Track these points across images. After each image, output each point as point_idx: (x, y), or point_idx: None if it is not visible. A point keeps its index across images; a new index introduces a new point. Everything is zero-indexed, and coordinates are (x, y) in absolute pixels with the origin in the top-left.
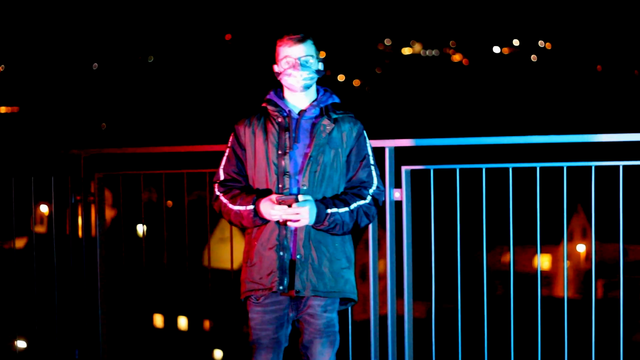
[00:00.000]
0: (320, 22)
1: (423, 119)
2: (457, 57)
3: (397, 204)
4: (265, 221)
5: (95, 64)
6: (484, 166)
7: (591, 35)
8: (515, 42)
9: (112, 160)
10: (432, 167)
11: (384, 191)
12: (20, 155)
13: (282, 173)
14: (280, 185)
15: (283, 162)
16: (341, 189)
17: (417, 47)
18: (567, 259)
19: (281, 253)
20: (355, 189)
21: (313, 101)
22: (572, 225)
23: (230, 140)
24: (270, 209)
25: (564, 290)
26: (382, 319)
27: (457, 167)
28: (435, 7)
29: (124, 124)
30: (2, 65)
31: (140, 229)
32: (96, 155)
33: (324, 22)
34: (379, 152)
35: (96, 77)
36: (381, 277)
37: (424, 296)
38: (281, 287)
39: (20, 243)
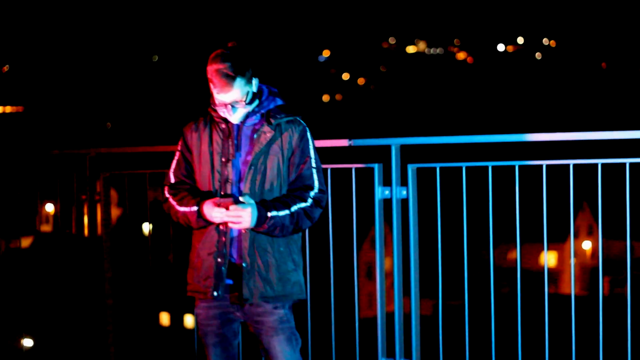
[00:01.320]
0: (325, 21)
1: (428, 117)
2: (461, 55)
3: (404, 202)
4: (210, 223)
5: (100, 64)
6: (490, 164)
7: (596, 33)
8: (520, 40)
9: (117, 159)
10: (438, 165)
11: (326, 193)
12: (25, 154)
13: (224, 181)
14: (222, 193)
15: (226, 171)
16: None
17: (422, 46)
18: (573, 256)
19: (219, 259)
20: (297, 192)
21: (255, 106)
22: (578, 223)
23: (180, 143)
24: (212, 211)
25: (571, 287)
26: (388, 317)
27: (464, 164)
28: (440, 5)
29: (129, 123)
30: (7, 66)
31: (146, 227)
32: (102, 155)
33: (329, 20)
34: (385, 150)
35: (101, 76)
36: (387, 275)
37: (430, 294)
38: (215, 294)
39: (26, 242)
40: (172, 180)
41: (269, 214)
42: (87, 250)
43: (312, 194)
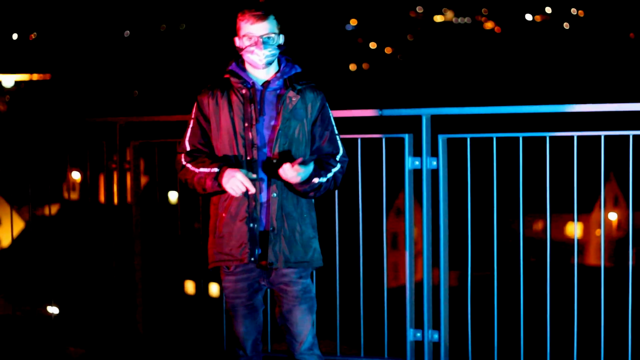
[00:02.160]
0: None
1: (457, 87)
2: (489, 25)
3: (434, 173)
4: (221, 191)
5: (127, 31)
6: (520, 135)
7: (623, 3)
8: (548, 10)
9: (144, 128)
10: (468, 136)
11: (347, 158)
12: (53, 122)
13: (249, 145)
14: (248, 158)
15: (250, 135)
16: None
17: (449, 15)
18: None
19: (252, 225)
20: (327, 157)
21: (276, 72)
22: (604, 193)
23: (194, 111)
24: (235, 181)
25: (601, 258)
26: (417, 287)
27: (494, 135)
28: None
29: (157, 92)
30: (34, 33)
31: (174, 196)
32: (131, 123)
33: None
34: (415, 120)
35: (128, 44)
36: (415, 245)
37: (458, 265)
38: (252, 259)
39: (53, 210)
40: (188, 148)
41: (315, 180)
42: (116, 218)
43: (338, 157)
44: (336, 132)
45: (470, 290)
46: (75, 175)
